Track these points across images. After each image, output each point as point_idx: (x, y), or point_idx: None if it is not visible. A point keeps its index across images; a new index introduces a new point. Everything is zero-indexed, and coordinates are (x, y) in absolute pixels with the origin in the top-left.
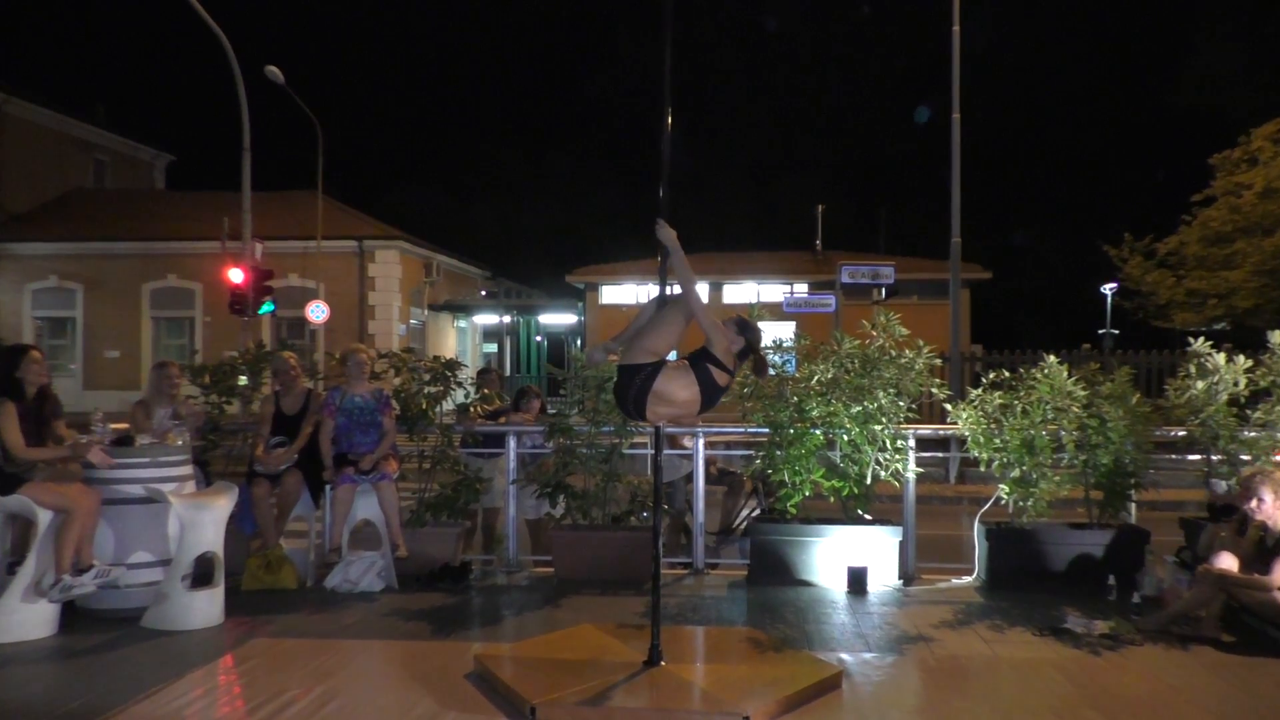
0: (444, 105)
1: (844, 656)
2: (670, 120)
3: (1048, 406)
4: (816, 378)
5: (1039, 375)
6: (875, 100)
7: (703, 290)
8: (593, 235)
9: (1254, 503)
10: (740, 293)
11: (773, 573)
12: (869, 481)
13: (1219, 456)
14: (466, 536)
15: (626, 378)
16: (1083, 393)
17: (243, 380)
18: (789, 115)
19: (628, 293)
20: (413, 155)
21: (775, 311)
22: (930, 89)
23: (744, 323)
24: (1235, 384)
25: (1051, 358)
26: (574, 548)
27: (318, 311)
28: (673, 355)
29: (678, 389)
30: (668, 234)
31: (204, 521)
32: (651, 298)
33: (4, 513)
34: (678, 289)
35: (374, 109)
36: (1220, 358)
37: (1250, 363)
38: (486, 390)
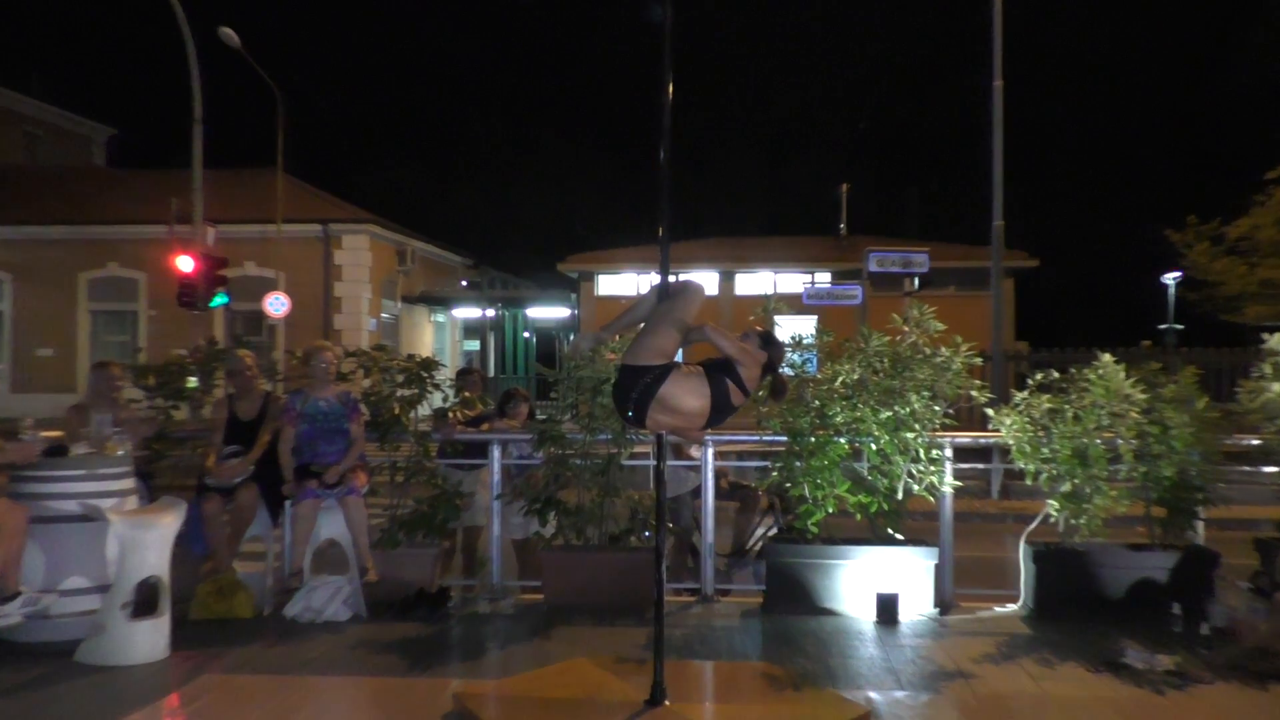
0: (421, 73)
1: (872, 695)
2: (672, 88)
3: (1102, 411)
4: (841, 379)
5: (1092, 376)
6: (906, 67)
7: (711, 280)
8: (588, 219)
9: None
10: (754, 283)
11: (791, 599)
12: (900, 496)
13: None
14: (445, 559)
15: (629, 378)
16: (1142, 396)
17: (192, 382)
18: (809, 84)
19: (626, 283)
20: (385, 129)
21: (794, 304)
22: (969, 55)
23: (769, 338)
24: None
25: (1106, 356)
26: (566, 571)
27: (277, 304)
28: (679, 355)
29: (686, 397)
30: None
31: (147, 542)
32: (652, 286)
33: None
34: (683, 276)
35: (342, 77)
36: None
37: None
38: (468, 393)
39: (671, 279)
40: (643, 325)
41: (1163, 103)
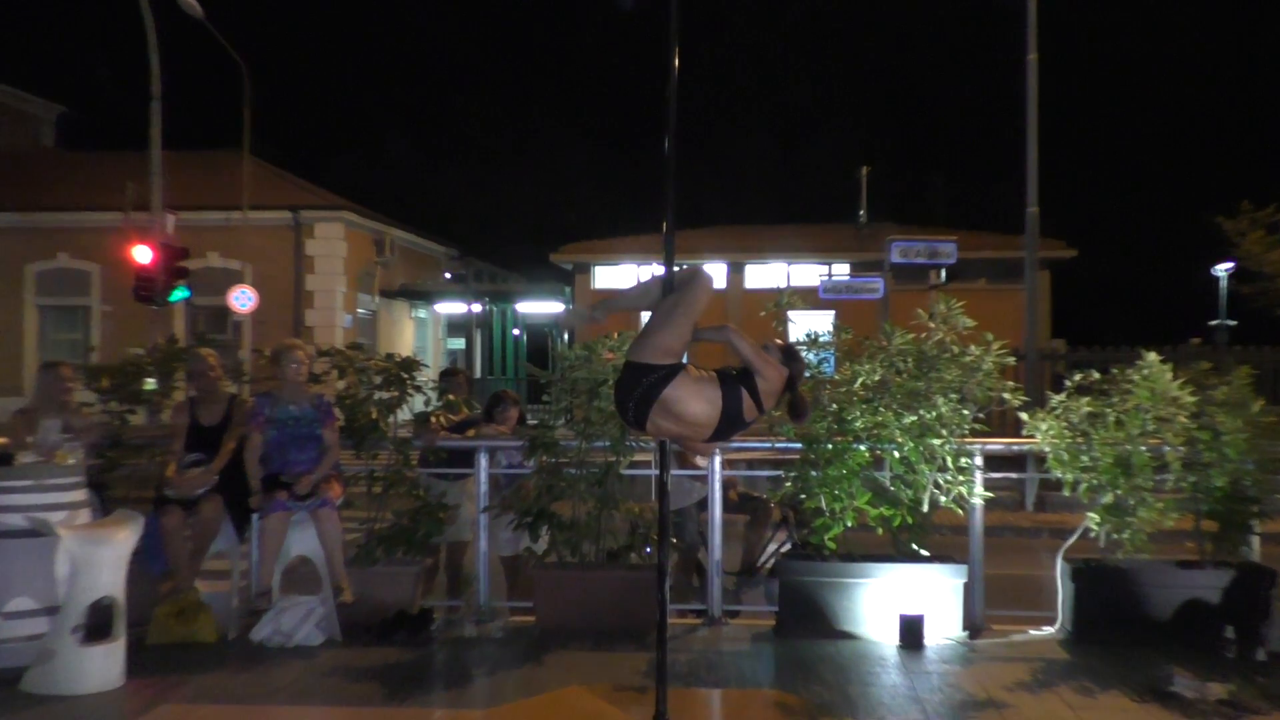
0: (401, 47)
1: None
2: (677, 63)
3: (1147, 416)
4: (861, 380)
5: (1136, 377)
6: (931, 41)
7: (718, 273)
8: (583, 206)
9: None
10: (766, 275)
11: (807, 622)
12: (926, 509)
13: None
14: (427, 577)
15: (632, 377)
16: (1191, 399)
17: (150, 384)
18: (826, 58)
19: (626, 275)
20: (362, 108)
21: (810, 298)
22: (1001, 26)
23: (792, 352)
24: None
25: (1152, 355)
26: (560, 591)
27: (243, 299)
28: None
29: (694, 404)
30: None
31: (101, 559)
32: (655, 275)
33: None
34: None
35: (314, 51)
36: None
37: None
38: (452, 396)
39: (675, 271)
40: (648, 319)
41: (1214, 78)
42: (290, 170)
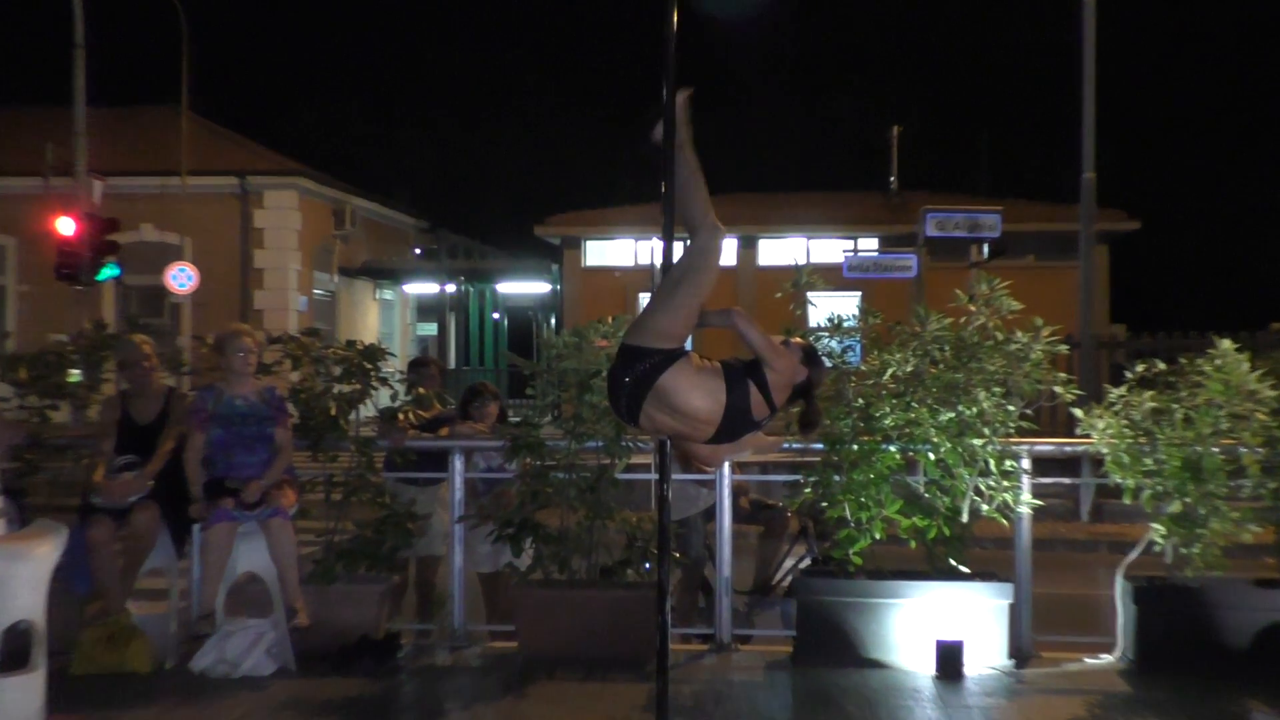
0: None
1: None
2: (678, 8)
3: (1221, 413)
4: (890, 371)
5: (1208, 368)
6: None
7: (728, 248)
8: (572, 172)
9: None
10: (782, 250)
11: (829, 648)
12: (965, 519)
13: None
14: (394, 597)
15: (626, 363)
16: (1272, 392)
17: (75, 376)
18: (851, 3)
19: (623, 250)
20: (320, 60)
21: (833, 277)
22: None
23: (813, 355)
24: None
25: (1226, 343)
26: (547, 613)
27: (182, 278)
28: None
29: (693, 396)
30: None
31: (17, 577)
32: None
33: None
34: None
35: None
36: None
37: None
38: (422, 390)
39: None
40: (650, 296)
41: None
42: (236, 130)
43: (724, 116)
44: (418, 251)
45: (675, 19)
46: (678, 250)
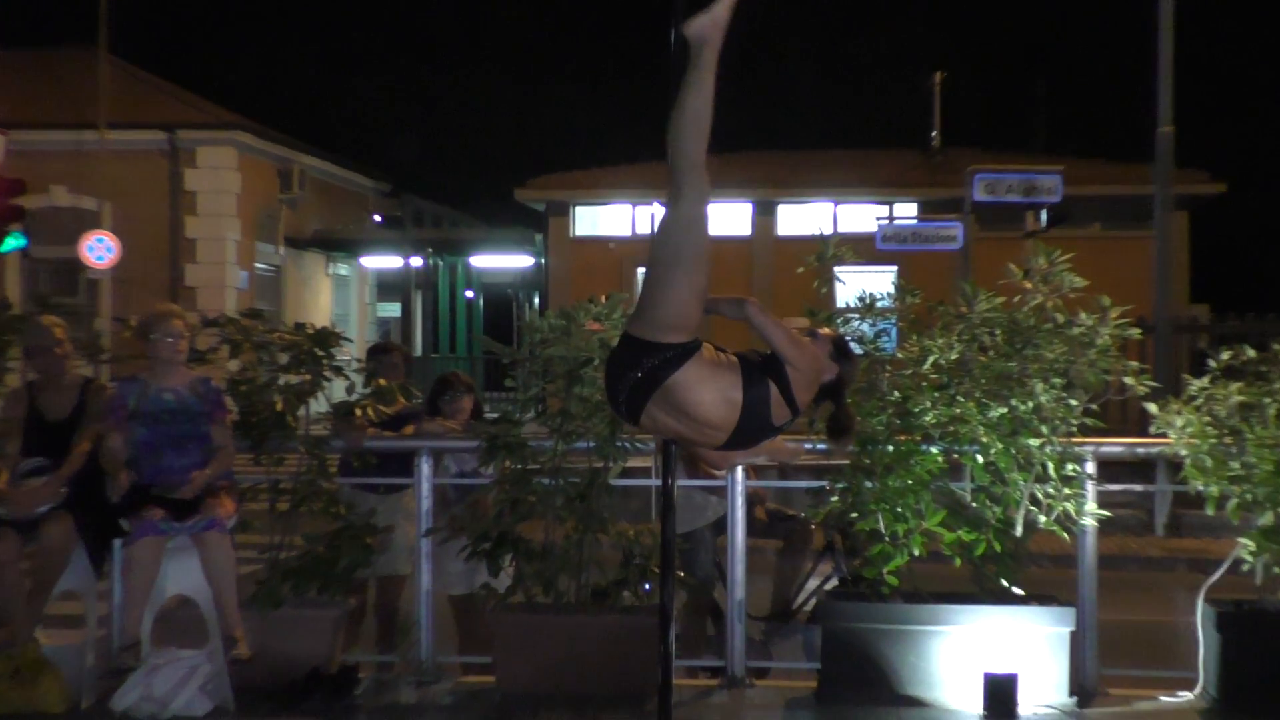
0: None
1: None
2: None
3: None
4: (932, 360)
5: None
6: None
7: (742, 215)
8: (560, 126)
9: None
10: (805, 217)
11: (858, 682)
12: (1020, 532)
13: None
14: (350, 624)
15: (630, 357)
16: None
17: None
18: None
19: (617, 217)
20: None
21: (864, 249)
22: None
23: (843, 346)
24: None
25: None
26: (529, 642)
27: (100, 250)
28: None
29: (706, 398)
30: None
31: None
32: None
33: None
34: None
35: None
36: None
37: None
38: (384, 381)
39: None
40: (644, 275)
41: None
42: (164, 77)
43: (735, 61)
44: (378, 219)
45: None
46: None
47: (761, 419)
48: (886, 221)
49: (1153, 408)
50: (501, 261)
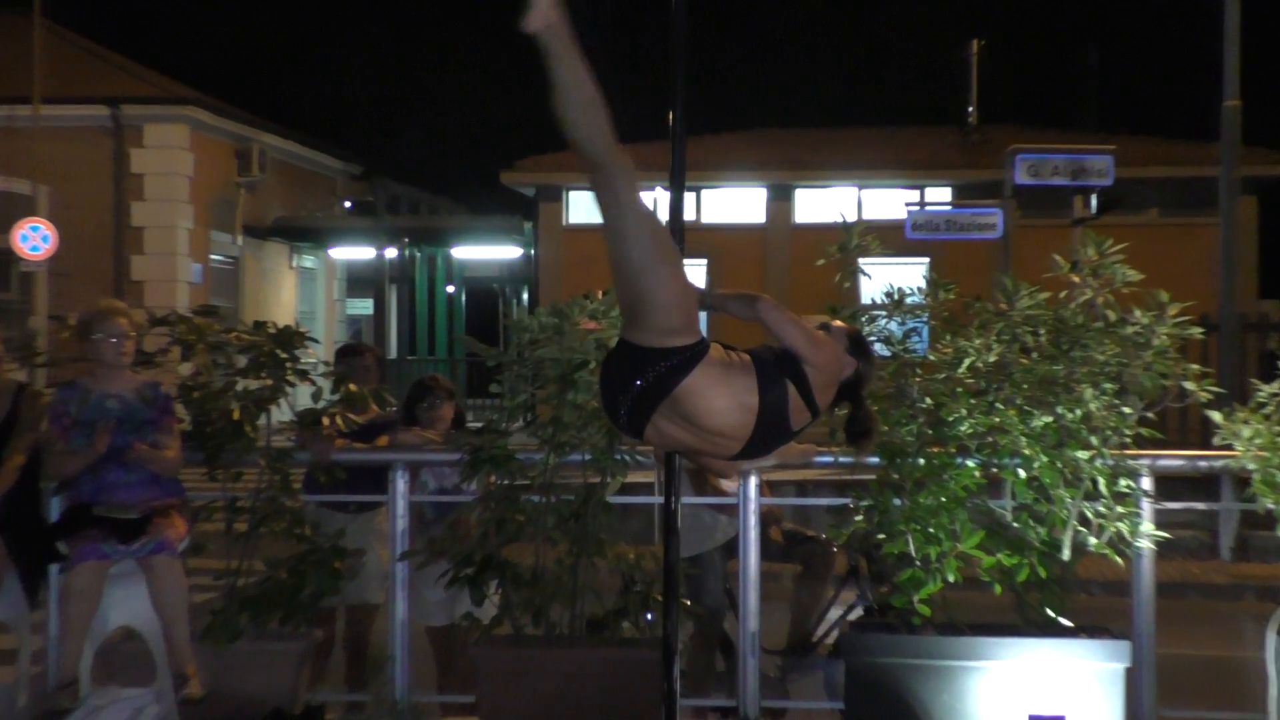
0: None
1: None
2: None
3: None
4: (969, 362)
5: None
6: None
7: (756, 199)
8: (550, 104)
9: None
10: (826, 203)
11: None
12: (1067, 556)
13: None
14: (316, 658)
15: (631, 365)
16: None
17: None
18: None
19: None
20: None
21: (892, 239)
22: None
23: (860, 341)
24: None
25: None
26: (517, 678)
27: (36, 239)
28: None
29: (718, 405)
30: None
31: None
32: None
33: None
34: (713, 191)
35: None
36: None
37: None
38: (354, 386)
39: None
40: (617, 274)
41: None
42: (108, 45)
43: (751, 32)
44: (348, 205)
45: None
46: (690, 202)
47: (779, 424)
48: (917, 208)
49: (1217, 416)
50: (486, 252)
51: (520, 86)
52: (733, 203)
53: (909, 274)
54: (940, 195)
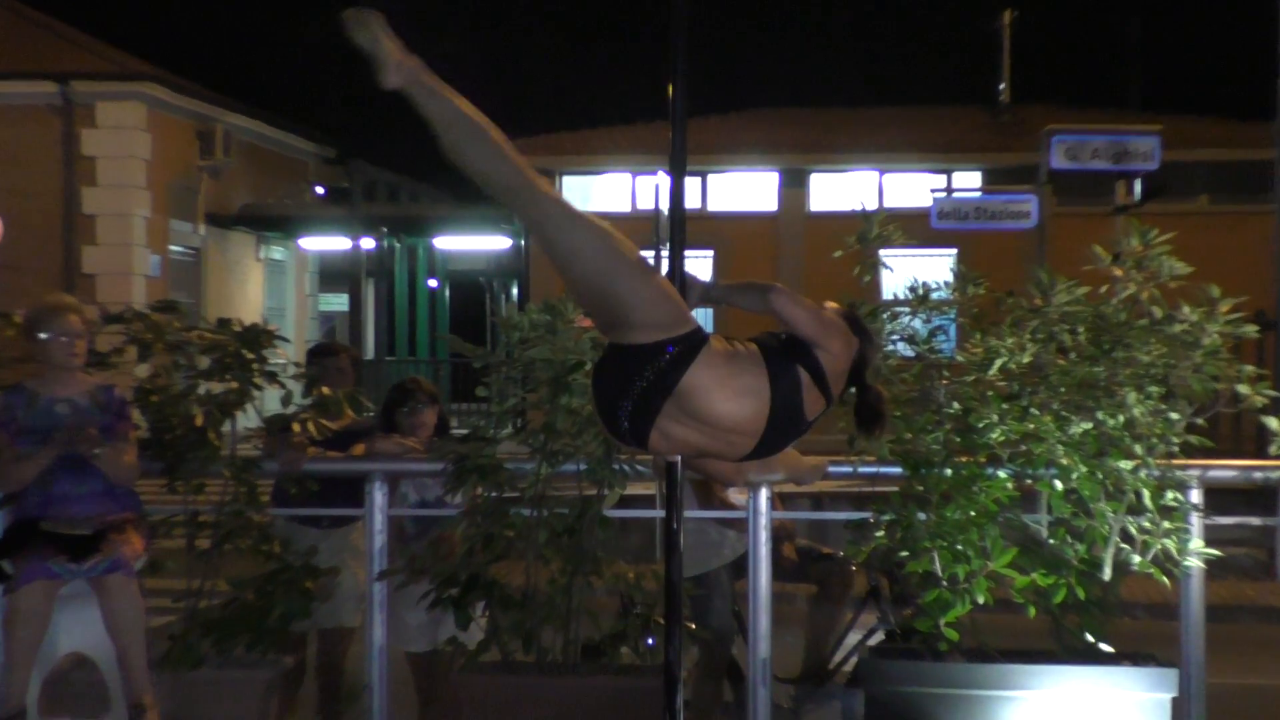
0: None
1: None
2: None
3: None
4: (1000, 364)
5: None
6: None
7: (768, 185)
8: (545, 81)
9: None
10: (843, 190)
11: None
12: (1108, 576)
13: None
14: (286, 687)
15: (627, 364)
16: None
17: None
18: None
19: (613, 188)
20: None
21: (916, 229)
22: None
23: (856, 322)
24: None
25: None
26: (505, 708)
27: None
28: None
29: (730, 396)
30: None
31: None
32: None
33: None
34: (719, 176)
35: None
36: None
37: None
38: (328, 389)
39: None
40: (574, 282)
41: None
42: (58, 16)
43: (762, 4)
44: (321, 191)
45: None
46: (694, 188)
47: (794, 414)
48: (943, 194)
49: (1273, 423)
50: (472, 243)
51: (511, 63)
52: (742, 188)
53: (934, 267)
54: (969, 181)
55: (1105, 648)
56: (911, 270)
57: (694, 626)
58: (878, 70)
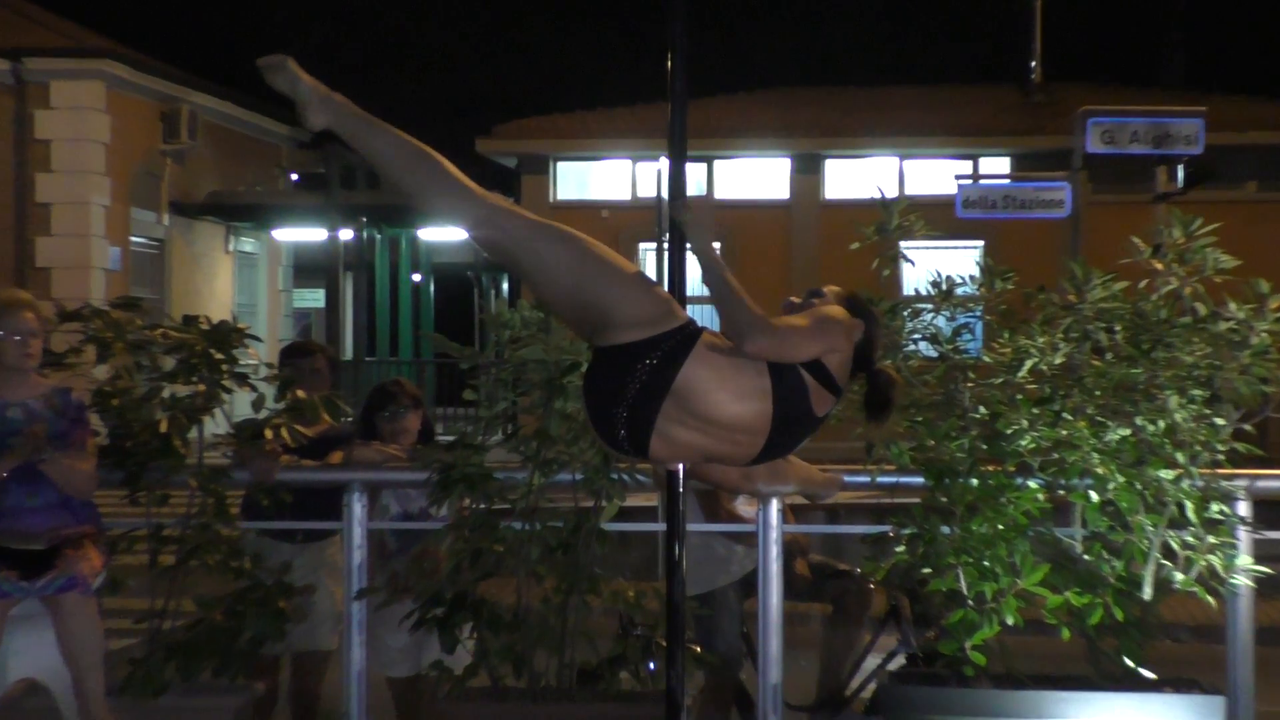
0: None
1: None
2: None
3: None
4: (1030, 365)
5: None
6: None
7: (780, 171)
8: (537, 60)
9: None
10: (861, 176)
11: None
12: (1148, 594)
13: None
14: (258, 715)
15: (619, 366)
16: None
17: None
18: None
19: (612, 175)
20: None
21: (940, 218)
22: None
23: (855, 300)
24: None
25: None
26: None
27: None
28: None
29: (731, 391)
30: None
31: None
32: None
33: None
34: (728, 161)
35: None
36: None
37: None
38: (302, 392)
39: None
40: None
41: None
42: None
43: None
44: (294, 178)
45: None
46: (691, 175)
47: (801, 409)
48: (969, 181)
49: None
50: (458, 234)
51: (502, 39)
52: (751, 175)
53: (960, 260)
54: (997, 167)
55: (1145, 673)
56: (935, 264)
57: (699, 649)
58: (898, 47)
